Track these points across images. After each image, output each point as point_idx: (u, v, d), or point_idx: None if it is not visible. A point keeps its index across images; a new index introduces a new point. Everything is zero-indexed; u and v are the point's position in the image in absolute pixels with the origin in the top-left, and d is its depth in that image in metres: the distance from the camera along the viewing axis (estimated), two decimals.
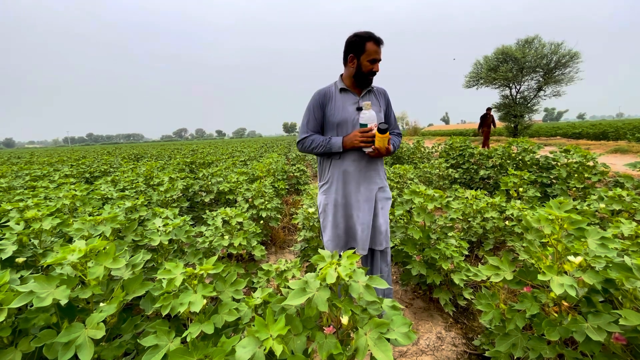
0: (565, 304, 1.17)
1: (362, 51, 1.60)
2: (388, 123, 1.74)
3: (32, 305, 0.94)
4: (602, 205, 2.25)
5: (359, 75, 1.65)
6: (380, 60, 1.63)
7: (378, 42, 1.61)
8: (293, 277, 1.68)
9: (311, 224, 2.60)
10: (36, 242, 1.60)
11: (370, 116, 1.57)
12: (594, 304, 1.10)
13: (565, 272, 1.15)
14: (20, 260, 1.42)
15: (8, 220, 1.80)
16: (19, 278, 1.18)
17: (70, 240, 1.74)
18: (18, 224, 1.58)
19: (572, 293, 1.03)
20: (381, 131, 1.50)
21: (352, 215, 1.72)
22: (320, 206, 1.80)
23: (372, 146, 1.58)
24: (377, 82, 1.78)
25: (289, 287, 0.98)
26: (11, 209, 1.96)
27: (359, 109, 1.66)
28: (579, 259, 1.12)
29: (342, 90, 1.70)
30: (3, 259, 1.35)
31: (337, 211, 1.73)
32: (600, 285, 1.09)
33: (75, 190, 2.64)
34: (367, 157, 1.68)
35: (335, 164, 1.73)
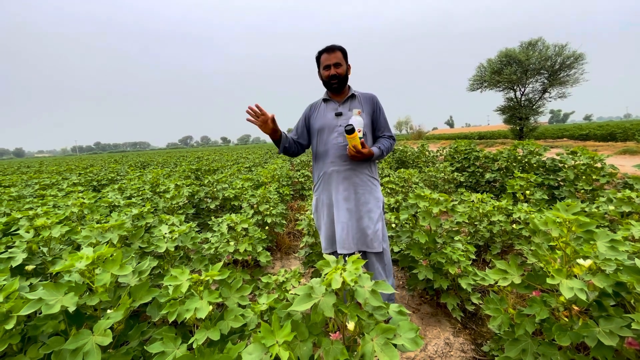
0: (576, 308, 1.15)
1: (319, 64, 1.83)
2: (377, 126, 1.88)
3: (40, 313, 0.95)
4: (612, 207, 2.22)
5: (324, 84, 1.85)
6: (332, 64, 1.75)
7: (327, 50, 1.77)
8: (293, 288, 1.68)
9: (315, 229, 2.60)
10: (45, 249, 1.62)
11: (355, 121, 1.71)
12: (605, 308, 1.08)
13: (575, 276, 1.13)
14: (29, 267, 1.43)
15: (18, 229, 1.83)
16: (29, 285, 1.20)
17: (78, 248, 1.76)
18: (28, 232, 1.60)
19: (583, 297, 1.01)
20: (347, 132, 1.60)
21: (335, 215, 1.81)
22: (313, 207, 1.94)
23: (347, 147, 1.71)
24: (374, 88, 1.84)
25: (295, 293, 0.98)
26: (21, 217, 1.99)
27: (338, 114, 1.82)
28: (588, 262, 1.10)
29: (325, 100, 1.90)
30: (13, 266, 1.37)
31: (323, 211, 1.86)
32: (611, 288, 1.07)
33: (83, 199, 2.67)
34: (346, 158, 1.79)
35: (317, 166, 1.91)
